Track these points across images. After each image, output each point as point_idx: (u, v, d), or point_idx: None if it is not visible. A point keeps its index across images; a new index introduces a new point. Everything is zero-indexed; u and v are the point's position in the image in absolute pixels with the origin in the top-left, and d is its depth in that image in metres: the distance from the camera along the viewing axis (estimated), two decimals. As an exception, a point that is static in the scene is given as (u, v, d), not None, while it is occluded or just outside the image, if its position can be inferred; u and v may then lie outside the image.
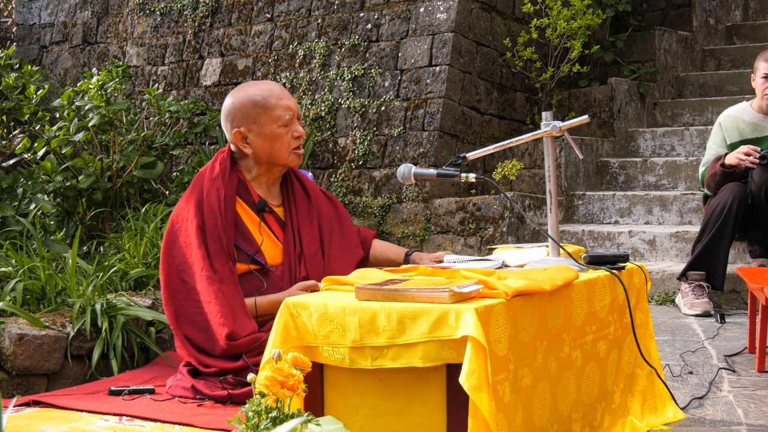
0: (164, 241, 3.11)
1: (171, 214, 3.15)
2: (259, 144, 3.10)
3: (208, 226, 3.02)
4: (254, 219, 3.13)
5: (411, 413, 2.08)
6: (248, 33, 6.93)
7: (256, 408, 1.82)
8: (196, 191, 3.10)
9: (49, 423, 2.64)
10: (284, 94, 3.15)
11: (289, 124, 3.12)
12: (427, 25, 6.13)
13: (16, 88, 5.08)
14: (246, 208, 3.12)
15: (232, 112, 3.12)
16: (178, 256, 3.06)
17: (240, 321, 2.91)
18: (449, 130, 5.99)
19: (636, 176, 6.18)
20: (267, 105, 3.09)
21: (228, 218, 3.05)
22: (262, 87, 3.14)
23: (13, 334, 3.13)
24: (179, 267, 3.04)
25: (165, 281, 3.06)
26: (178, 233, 3.09)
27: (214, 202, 3.06)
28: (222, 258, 3.00)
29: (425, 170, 2.78)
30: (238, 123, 3.10)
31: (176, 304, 3.02)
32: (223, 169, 3.12)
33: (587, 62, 6.77)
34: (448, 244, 5.67)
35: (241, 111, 3.10)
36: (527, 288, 2.14)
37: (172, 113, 5.59)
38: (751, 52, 7.06)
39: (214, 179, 3.10)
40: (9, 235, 4.56)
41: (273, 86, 3.16)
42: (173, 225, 3.11)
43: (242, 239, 3.07)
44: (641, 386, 2.79)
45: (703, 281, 4.47)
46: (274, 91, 3.13)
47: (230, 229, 3.05)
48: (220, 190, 3.07)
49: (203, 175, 3.14)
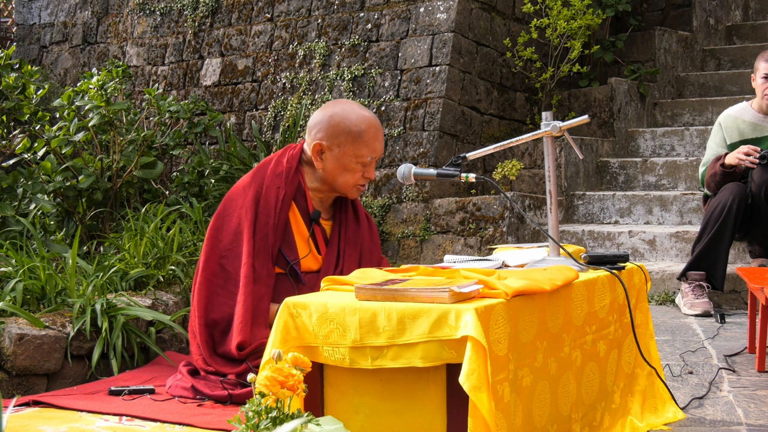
0: (212, 222, 3.08)
1: (225, 195, 3.12)
2: (332, 166, 3.06)
3: (260, 223, 3.01)
4: (302, 228, 3.10)
5: (411, 413, 2.08)
6: (248, 33, 6.93)
7: (256, 408, 1.82)
8: (256, 182, 3.07)
9: (49, 423, 2.64)
10: (379, 135, 3.08)
11: (366, 165, 3.07)
12: (427, 25, 6.13)
13: (16, 88, 5.08)
14: (297, 215, 3.10)
15: (323, 123, 3.06)
16: (224, 241, 3.04)
17: (256, 329, 2.91)
18: (449, 130, 5.99)
19: (636, 176, 6.18)
20: (358, 139, 3.03)
21: (280, 220, 3.03)
22: (363, 118, 3.05)
23: (13, 334, 3.13)
24: (222, 252, 3.03)
25: (204, 263, 3.04)
26: (228, 217, 3.06)
27: (272, 199, 3.03)
28: (264, 257, 3.00)
29: (425, 170, 2.78)
30: (323, 137, 3.05)
31: (210, 289, 3.01)
32: (289, 168, 3.09)
33: (587, 62, 6.77)
34: (448, 244, 5.67)
35: (332, 128, 3.04)
36: (527, 288, 2.14)
37: (172, 113, 5.59)
38: (751, 52, 7.06)
39: (277, 176, 3.07)
40: (9, 235, 4.56)
41: (373, 122, 3.07)
42: (225, 207, 3.08)
43: (286, 245, 3.05)
44: (641, 386, 2.79)
45: (703, 281, 4.47)
46: (372, 130, 3.05)
47: (280, 231, 3.03)
48: (280, 189, 3.05)
49: (266, 166, 3.10)
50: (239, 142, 6.23)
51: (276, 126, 6.55)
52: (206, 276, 3.02)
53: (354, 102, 3.17)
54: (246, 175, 3.14)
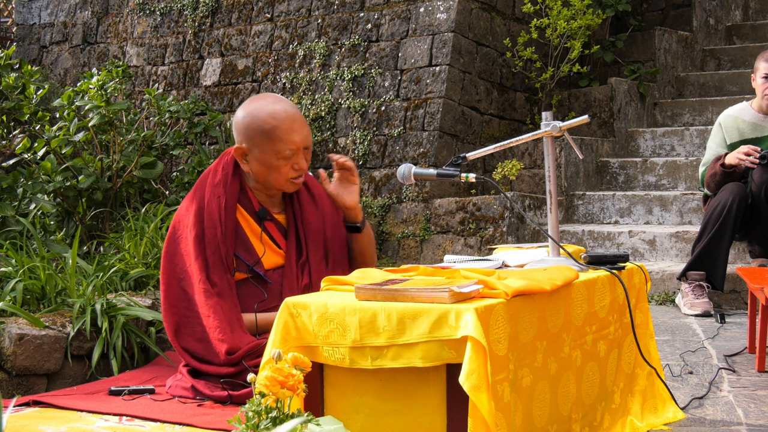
0: (165, 248, 3.04)
1: (173, 219, 3.08)
2: (257, 167, 3.01)
3: (208, 236, 2.96)
4: (254, 227, 3.06)
5: (411, 413, 2.08)
6: (248, 33, 6.93)
7: (256, 408, 1.82)
8: (197, 197, 3.03)
9: (49, 423, 2.64)
10: (294, 126, 2.97)
11: (290, 158, 2.99)
12: (427, 25, 6.13)
13: (16, 88, 5.08)
14: (246, 216, 3.05)
15: (239, 126, 3.02)
16: (179, 264, 3.00)
17: (237, 336, 2.88)
18: (449, 130, 5.99)
19: (636, 176, 6.18)
20: (272, 136, 2.96)
21: (228, 228, 2.98)
22: (274, 113, 2.97)
23: (13, 334, 3.13)
24: (180, 275, 2.99)
25: (165, 290, 2.99)
26: (179, 240, 3.02)
27: (214, 210, 2.98)
28: (220, 270, 2.94)
29: (425, 170, 2.78)
30: (242, 139, 3.00)
31: (177, 314, 2.96)
32: (225, 174, 3.04)
33: (587, 62, 6.77)
34: (448, 244, 5.67)
35: (246, 129, 2.99)
36: (527, 288, 2.14)
37: (172, 113, 5.59)
38: (751, 52, 7.06)
39: (216, 185, 3.02)
40: (9, 235, 4.56)
41: (286, 115, 2.98)
42: (175, 230, 3.04)
43: (242, 249, 3.01)
44: (641, 386, 2.79)
45: (703, 281, 4.47)
46: (284, 123, 2.96)
47: (230, 239, 2.98)
48: (221, 198, 3.00)
49: (205, 180, 3.07)
50: (239, 142, 6.22)
51: (276, 126, 6.54)
52: (170, 302, 2.97)
53: (270, 95, 3.08)
54: (188, 195, 3.09)
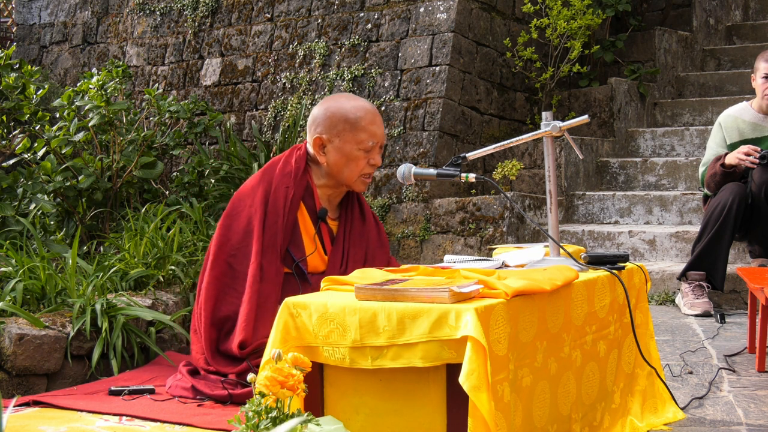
0: (222, 221, 3.09)
1: (234, 195, 3.13)
2: (335, 158, 3.07)
3: (269, 222, 3.01)
4: (309, 226, 3.10)
5: (411, 413, 2.08)
6: (248, 33, 6.93)
7: (256, 408, 1.82)
8: (265, 181, 3.08)
9: (49, 423, 2.64)
10: (377, 119, 3.09)
11: (369, 150, 3.08)
12: (427, 25, 6.13)
13: (16, 88, 5.08)
14: (305, 215, 3.10)
15: (320, 118, 3.08)
16: (233, 239, 3.04)
17: (260, 328, 2.91)
18: (449, 130, 5.99)
19: (636, 176, 6.18)
20: (356, 125, 3.04)
21: (289, 220, 3.04)
22: (358, 105, 3.09)
23: (13, 334, 3.13)
24: (231, 251, 3.03)
25: (212, 262, 3.04)
26: (237, 216, 3.07)
27: (280, 199, 3.04)
28: (272, 256, 3.00)
29: (425, 170, 2.78)
30: (322, 130, 3.06)
31: (218, 288, 3.01)
32: (297, 167, 3.09)
33: (587, 62, 6.77)
34: (448, 244, 5.67)
35: (329, 120, 3.06)
36: (527, 288, 2.14)
37: (172, 113, 5.59)
38: (751, 52, 7.06)
39: (286, 175, 3.07)
40: (9, 235, 4.56)
41: (369, 108, 3.10)
42: (234, 206, 3.09)
43: (293, 244, 3.06)
44: (641, 386, 2.79)
45: (703, 281, 4.47)
46: (368, 114, 3.07)
47: (289, 230, 3.04)
48: (289, 188, 3.05)
49: (274, 166, 3.11)
50: (239, 142, 6.23)
51: (276, 126, 6.55)
52: (214, 274, 3.03)
53: (349, 94, 3.19)
54: (254, 175, 3.15)
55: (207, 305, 3.01)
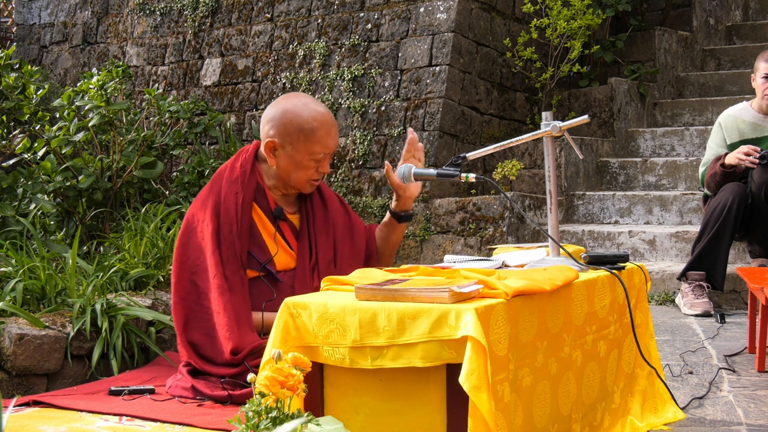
0: (178, 241, 3.06)
1: (187, 212, 3.10)
2: (284, 164, 3.04)
3: (223, 232, 2.98)
4: (269, 226, 3.08)
5: (411, 413, 2.08)
6: (248, 33, 6.94)
7: (256, 408, 1.82)
8: (213, 192, 3.05)
9: (49, 423, 2.64)
10: (332, 130, 3.04)
11: (319, 160, 3.05)
12: (427, 25, 6.13)
13: (16, 88, 5.08)
14: (261, 215, 3.08)
15: (275, 121, 3.04)
16: (191, 257, 3.02)
17: (244, 335, 2.89)
18: (449, 130, 5.99)
19: (636, 176, 6.18)
20: (310, 137, 3.00)
21: (243, 225, 3.00)
22: (316, 114, 3.02)
23: (13, 334, 3.13)
24: (192, 269, 3.01)
25: (176, 283, 3.02)
26: (193, 233, 3.04)
27: (231, 206, 3.01)
28: (234, 265, 2.97)
29: (425, 170, 2.77)
30: (275, 134, 3.03)
31: (186, 308, 2.99)
32: (243, 171, 3.06)
33: (587, 62, 6.77)
34: (448, 244, 5.67)
35: (284, 125, 3.02)
36: (527, 288, 2.14)
37: (172, 113, 5.59)
38: (751, 52, 7.06)
39: (233, 181, 3.04)
40: (9, 235, 4.56)
41: (325, 118, 3.04)
42: (188, 224, 3.06)
43: (255, 247, 3.03)
44: (641, 386, 2.79)
45: (703, 281, 4.47)
46: (324, 126, 3.02)
47: (245, 235, 3.00)
48: (238, 194, 3.02)
49: (222, 175, 3.08)
50: (239, 142, 6.23)
51: (276, 126, 6.54)
52: (180, 295, 3.00)
53: (306, 96, 3.13)
54: (203, 189, 3.12)
55: (178, 326, 2.99)
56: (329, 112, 3.09)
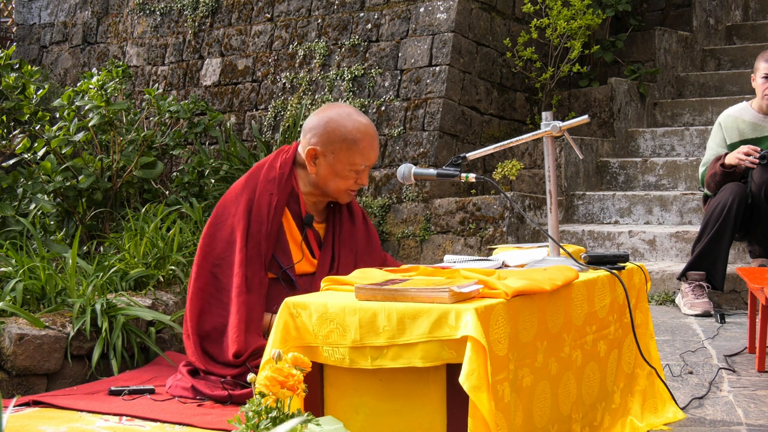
0: (206, 230, 3.06)
1: (219, 203, 3.10)
2: (325, 172, 3.04)
3: (252, 231, 2.98)
4: (295, 233, 3.08)
5: (411, 413, 2.08)
6: (248, 33, 6.93)
7: (256, 408, 1.82)
8: (249, 188, 3.05)
9: (49, 423, 2.64)
10: (374, 143, 3.05)
11: (359, 172, 3.05)
12: (427, 25, 6.13)
13: (16, 88, 5.08)
14: (290, 220, 3.07)
15: (319, 128, 3.03)
16: (217, 249, 3.02)
17: (250, 338, 2.90)
18: (449, 130, 5.99)
19: (636, 176, 6.18)
20: (353, 147, 3.00)
21: (273, 228, 3.00)
22: (359, 125, 3.02)
23: (13, 334, 3.13)
24: (215, 261, 3.01)
25: (196, 272, 3.02)
26: (221, 225, 3.04)
27: (264, 206, 3.01)
28: (256, 266, 2.97)
29: (425, 170, 2.78)
30: (317, 142, 3.02)
31: (203, 299, 2.99)
32: (282, 173, 3.06)
33: (587, 62, 6.77)
34: (448, 244, 5.67)
35: (328, 134, 3.01)
36: (527, 288, 2.14)
37: (172, 113, 5.59)
38: (751, 52, 7.06)
39: (270, 181, 3.04)
40: (9, 235, 4.55)
41: (368, 130, 3.04)
42: (218, 215, 3.06)
43: (279, 251, 3.03)
44: (641, 386, 2.79)
45: (703, 281, 4.47)
46: (367, 138, 3.02)
47: (272, 238, 3.01)
48: (273, 195, 3.02)
49: (259, 171, 3.08)
50: (239, 142, 6.23)
51: (276, 126, 6.55)
52: (199, 285, 3.00)
53: (350, 106, 3.14)
54: (238, 181, 3.11)
55: (192, 316, 2.99)
56: (372, 124, 3.09)
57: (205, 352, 2.98)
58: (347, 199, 3.13)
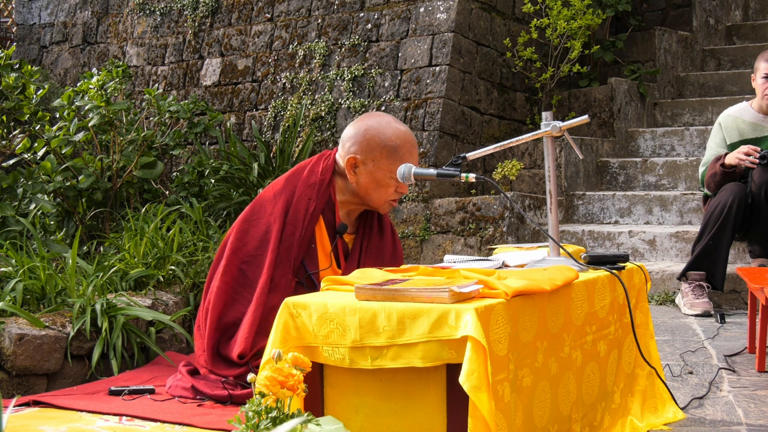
0: (238, 225, 3.05)
1: (255, 199, 3.09)
2: (365, 181, 3.02)
3: (286, 233, 2.98)
4: (326, 241, 3.06)
5: (411, 413, 2.08)
6: (248, 33, 6.93)
7: (256, 408, 1.82)
8: (288, 189, 3.04)
9: (49, 423, 2.64)
10: (414, 151, 3.04)
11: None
12: (427, 25, 6.13)
13: (16, 88, 5.08)
14: (323, 228, 3.06)
15: (358, 137, 3.02)
16: (249, 246, 3.01)
17: (260, 339, 2.89)
18: (449, 130, 5.99)
19: (636, 176, 6.18)
20: (394, 154, 2.99)
21: (307, 233, 3.00)
22: (399, 132, 3.01)
23: (13, 334, 3.13)
24: (245, 258, 3.00)
25: (225, 266, 3.00)
26: (256, 223, 3.03)
27: (301, 211, 3.00)
28: (285, 268, 2.97)
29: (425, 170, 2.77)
30: (357, 150, 3.01)
31: (228, 294, 2.98)
32: (323, 180, 3.04)
33: (587, 62, 6.77)
34: (448, 244, 5.67)
35: (367, 142, 3.00)
36: (527, 288, 2.14)
37: (172, 113, 5.59)
38: (751, 52, 7.06)
39: (311, 185, 3.03)
40: (9, 235, 4.55)
41: (408, 138, 3.03)
42: (254, 212, 3.05)
43: (308, 258, 3.02)
44: (641, 386, 2.79)
45: (703, 281, 4.47)
46: (406, 145, 3.01)
47: (305, 243, 3.00)
48: (311, 201, 3.01)
49: (300, 173, 3.07)
50: (239, 142, 6.23)
51: (276, 126, 6.55)
52: (225, 279, 2.99)
53: (389, 115, 3.12)
54: (278, 180, 3.10)
55: (215, 309, 2.98)
56: (410, 131, 3.08)
57: (215, 347, 2.98)
58: (387, 209, 3.12)
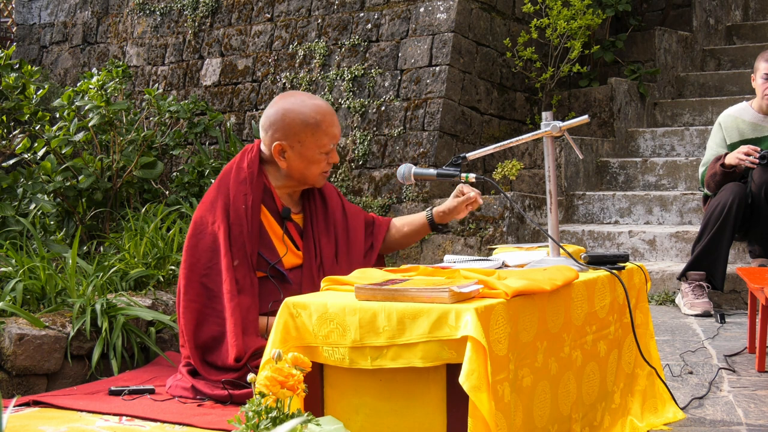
0: (187, 243, 3.05)
1: (194, 214, 3.09)
2: (296, 162, 3.04)
3: (234, 233, 2.97)
4: (276, 228, 3.07)
5: (411, 413, 2.08)
6: (248, 33, 6.93)
7: (256, 408, 1.82)
8: (222, 194, 3.04)
9: (49, 423, 2.64)
10: (335, 120, 3.05)
11: (329, 152, 3.06)
12: (427, 25, 6.13)
13: (16, 88, 5.08)
14: (269, 216, 3.07)
15: (277, 123, 3.02)
16: (203, 260, 3.00)
17: (248, 339, 2.89)
18: (449, 130, 5.99)
19: (636, 176, 6.18)
20: (317, 131, 3.01)
21: (254, 227, 3.00)
22: (316, 107, 3.03)
23: (13, 334, 3.13)
24: (203, 271, 2.99)
25: (185, 285, 3.00)
26: (202, 235, 3.02)
27: (241, 208, 3.00)
28: (245, 267, 2.97)
29: (425, 170, 2.78)
30: (280, 136, 3.02)
31: (197, 310, 2.97)
32: (251, 172, 3.05)
33: (587, 62, 6.77)
34: (448, 244, 5.67)
35: (288, 126, 3.01)
36: (527, 288, 2.14)
37: (172, 113, 5.59)
38: (751, 52, 7.06)
39: (242, 182, 3.04)
40: (9, 235, 4.56)
41: (326, 109, 3.05)
42: (197, 226, 3.05)
43: (264, 248, 3.03)
44: (641, 386, 2.79)
45: (703, 281, 4.47)
46: (327, 117, 3.03)
47: (255, 237, 3.00)
48: (247, 195, 3.01)
49: (228, 175, 3.07)
50: (239, 142, 6.23)
51: (276, 126, 6.54)
52: (189, 297, 2.98)
53: (300, 92, 3.13)
54: (210, 189, 3.10)
55: (188, 331, 2.97)
56: (327, 103, 3.11)
57: (204, 361, 2.97)
58: (323, 182, 3.14)
